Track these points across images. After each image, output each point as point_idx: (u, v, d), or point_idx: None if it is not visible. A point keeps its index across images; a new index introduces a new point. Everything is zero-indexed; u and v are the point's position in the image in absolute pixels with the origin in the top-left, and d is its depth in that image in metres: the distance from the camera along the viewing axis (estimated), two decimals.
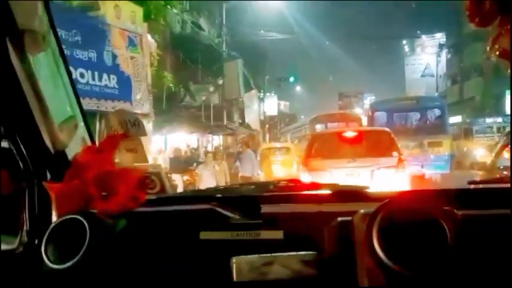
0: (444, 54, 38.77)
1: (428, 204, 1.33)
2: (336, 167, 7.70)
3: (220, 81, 24.03)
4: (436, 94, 33.19)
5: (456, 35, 33.38)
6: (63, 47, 1.70)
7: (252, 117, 30.26)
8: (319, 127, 18.13)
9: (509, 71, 1.18)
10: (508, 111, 22.45)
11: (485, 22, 1.01)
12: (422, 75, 40.67)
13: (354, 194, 1.68)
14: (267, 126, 33.21)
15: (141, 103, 12.61)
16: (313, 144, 8.85)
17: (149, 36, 14.17)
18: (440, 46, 40.36)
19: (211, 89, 23.16)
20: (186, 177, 12.40)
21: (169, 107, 18.66)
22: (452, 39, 35.27)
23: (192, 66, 21.75)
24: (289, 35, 30.28)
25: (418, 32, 43.45)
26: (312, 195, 1.75)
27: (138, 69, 12.57)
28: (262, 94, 33.26)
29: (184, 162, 13.58)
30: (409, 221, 1.29)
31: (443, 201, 1.40)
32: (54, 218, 1.57)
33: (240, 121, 28.11)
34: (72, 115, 1.70)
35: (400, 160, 7.95)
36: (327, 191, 1.75)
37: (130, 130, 1.71)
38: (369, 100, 45.50)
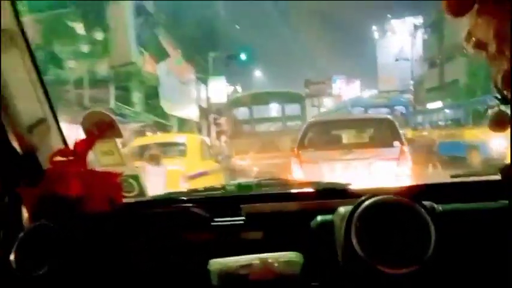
0: (420, 35, 36.50)
1: (407, 198, 1.39)
2: (331, 159, 7.49)
3: (100, 36, 16.09)
4: (411, 79, 33.04)
5: (434, 13, 30.92)
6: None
7: (182, 102, 23.78)
8: (241, 111, 14.72)
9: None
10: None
11: (462, 10, 0.98)
12: (396, 59, 38.55)
13: (335, 191, 1.80)
14: (212, 116, 26.93)
15: None
16: (307, 133, 8.46)
17: None
18: (416, 27, 38.33)
19: (85, 48, 15.68)
20: None
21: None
22: (430, 18, 32.90)
23: (61, 17, 14.75)
24: None
25: (389, 15, 42.06)
26: (293, 193, 1.88)
27: None
28: (212, 76, 28.56)
29: None
30: (388, 216, 1.36)
31: (424, 195, 1.48)
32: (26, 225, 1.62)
33: (158, 106, 20.61)
34: (42, 117, 1.72)
35: (402, 151, 7.63)
36: (309, 189, 1.90)
37: (105, 132, 1.74)
38: (338, 83, 43.21)
